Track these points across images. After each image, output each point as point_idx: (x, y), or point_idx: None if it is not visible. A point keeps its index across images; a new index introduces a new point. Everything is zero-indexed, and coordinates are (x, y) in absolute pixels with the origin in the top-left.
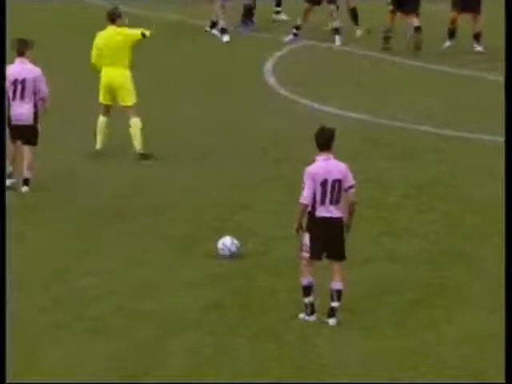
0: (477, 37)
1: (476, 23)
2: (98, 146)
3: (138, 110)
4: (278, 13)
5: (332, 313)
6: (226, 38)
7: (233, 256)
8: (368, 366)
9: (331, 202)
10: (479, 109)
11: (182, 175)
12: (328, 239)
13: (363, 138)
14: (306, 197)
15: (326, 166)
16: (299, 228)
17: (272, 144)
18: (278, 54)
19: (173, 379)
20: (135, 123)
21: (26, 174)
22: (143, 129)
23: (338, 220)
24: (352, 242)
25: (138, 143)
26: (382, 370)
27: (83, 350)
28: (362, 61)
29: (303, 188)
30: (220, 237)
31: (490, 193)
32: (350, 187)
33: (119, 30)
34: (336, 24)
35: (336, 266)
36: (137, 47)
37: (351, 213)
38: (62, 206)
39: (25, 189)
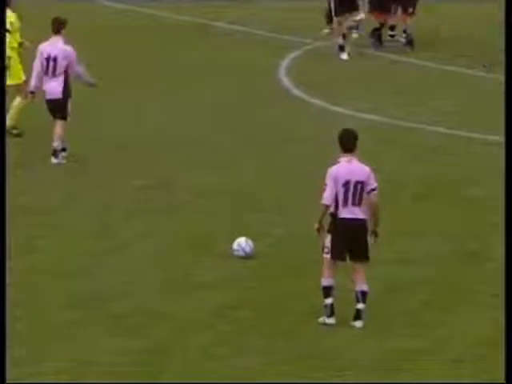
0: None
1: None
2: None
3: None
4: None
5: (358, 315)
6: (344, 56)
7: (247, 256)
8: (382, 366)
9: (354, 204)
10: (493, 110)
11: (197, 176)
12: (351, 240)
13: (377, 138)
14: (327, 197)
15: (348, 167)
16: (320, 228)
17: (285, 144)
18: (292, 55)
19: (187, 378)
20: (19, 100)
21: (55, 144)
22: None
23: (362, 221)
24: None
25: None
26: (395, 369)
27: (99, 348)
28: (377, 62)
29: (325, 189)
30: (234, 238)
31: (504, 194)
32: (373, 189)
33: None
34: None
35: (360, 268)
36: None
37: (376, 216)
38: (81, 206)
39: (53, 160)
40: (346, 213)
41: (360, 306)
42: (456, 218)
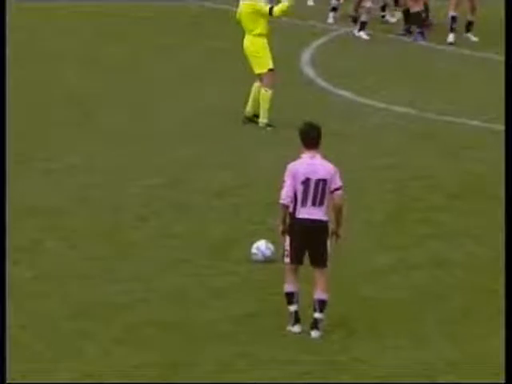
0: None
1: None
2: (247, 109)
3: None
4: None
5: (315, 324)
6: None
7: (267, 260)
8: (413, 377)
9: (313, 204)
10: None
11: (213, 174)
12: (309, 243)
13: (408, 132)
14: (284, 196)
15: (310, 164)
16: (284, 229)
17: None
18: (317, 43)
19: None
20: (261, 93)
21: None
22: (269, 100)
23: (321, 223)
24: (397, 245)
25: (260, 112)
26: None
27: (107, 361)
28: (407, 50)
29: (283, 186)
30: (253, 241)
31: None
32: (337, 189)
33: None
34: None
35: (318, 274)
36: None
37: (338, 218)
38: (90, 207)
39: None
40: (304, 213)
41: (317, 315)
42: (492, 219)
